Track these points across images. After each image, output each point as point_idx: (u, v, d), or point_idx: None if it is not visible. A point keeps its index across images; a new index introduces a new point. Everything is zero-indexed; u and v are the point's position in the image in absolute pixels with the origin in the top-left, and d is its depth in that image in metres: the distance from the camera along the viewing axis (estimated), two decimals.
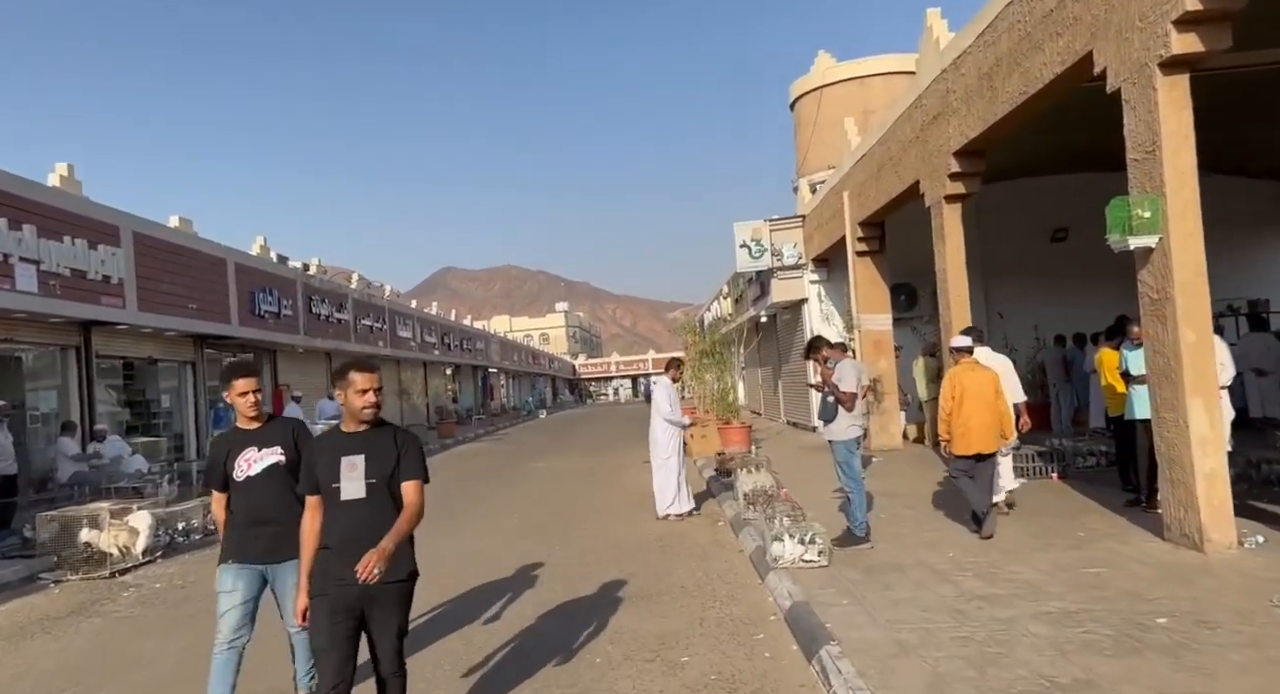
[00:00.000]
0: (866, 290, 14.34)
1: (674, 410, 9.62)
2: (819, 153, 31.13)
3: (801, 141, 33.41)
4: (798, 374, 20.27)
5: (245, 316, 17.95)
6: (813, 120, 32.04)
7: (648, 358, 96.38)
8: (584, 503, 11.48)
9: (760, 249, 18.54)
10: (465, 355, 40.01)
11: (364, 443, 3.41)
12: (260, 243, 20.80)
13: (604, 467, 16.45)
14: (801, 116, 32.99)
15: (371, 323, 26.57)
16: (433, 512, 10.97)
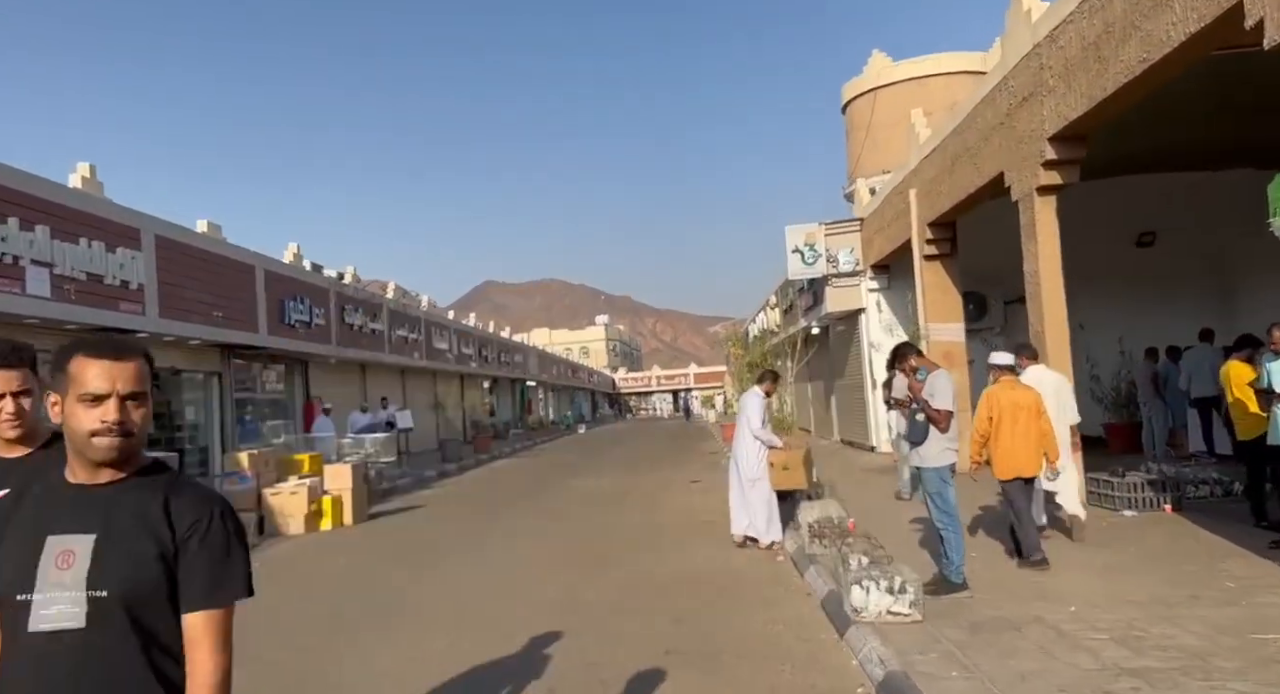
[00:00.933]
0: (936, 297, 13.12)
1: (765, 426, 8.64)
2: (872, 157, 29.90)
3: (853, 146, 32.20)
4: (853, 389, 19.03)
5: (275, 326, 17.31)
6: (866, 123, 30.84)
7: (689, 372, 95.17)
8: (625, 528, 10.43)
9: (814, 255, 17.39)
10: (503, 368, 39.30)
11: (97, 511, 1.67)
12: (294, 251, 20.23)
13: (645, 486, 15.40)
14: (854, 120, 31.79)
15: (407, 334, 25.92)
16: (460, 538, 9.98)
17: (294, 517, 11.81)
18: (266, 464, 12.35)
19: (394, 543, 10.36)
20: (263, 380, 19.17)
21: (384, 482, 16.35)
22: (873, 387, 17.34)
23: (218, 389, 16.58)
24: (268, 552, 10.31)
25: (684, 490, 14.35)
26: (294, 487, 12.02)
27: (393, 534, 11.14)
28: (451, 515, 12.75)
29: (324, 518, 12.16)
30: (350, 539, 10.98)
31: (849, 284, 17.47)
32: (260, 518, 11.81)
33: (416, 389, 27.99)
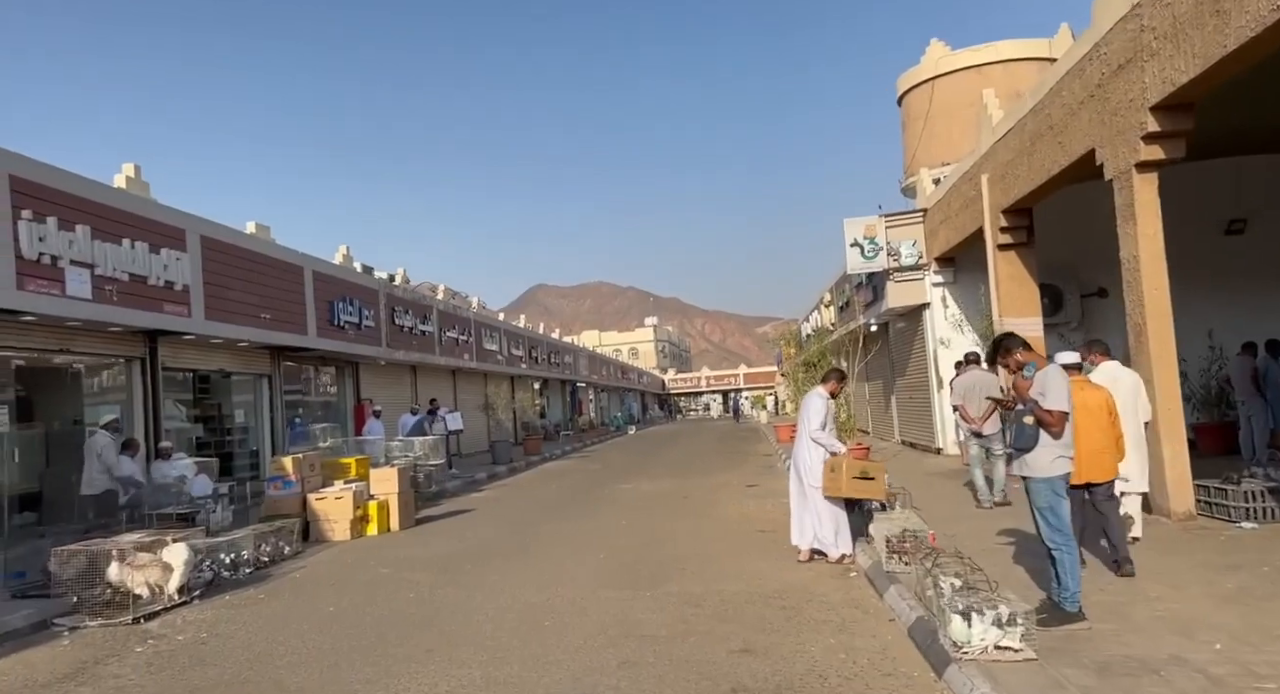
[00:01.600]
0: (1011, 289, 12.22)
1: (827, 431, 7.80)
2: (930, 149, 28.78)
3: (910, 138, 31.08)
4: (916, 388, 18.11)
5: (324, 327, 17.11)
6: (924, 114, 29.70)
7: (739, 373, 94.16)
8: (679, 536, 9.81)
9: (874, 248, 16.54)
10: (553, 369, 39.01)
11: None
12: (343, 252, 20.09)
13: (699, 491, 14.76)
14: (910, 110, 30.66)
15: (457, 335, 25.69)
16: (506, 546, 9.43)
17: (339, 522, 11.46)
18: (312, 468, 12.03)
19: (438, 551, 9.91)
20: (314, 383, 19.04)
21: (433, 485, 16.01)
22: (938, 385, 16.44)
23: (268, 391, 16.43)
24: (308, 559, 9.95)
25: (740, 495, 13.68)
26: (339, 491, 11.68)
27: (438, 541, 10.70)
28: (499, 521, 12.29)
29: (370, 524, 11.80)
30: (394, 546, 10.57)
31: (912, 278, 16.57)
32: (305, 524, 11.49)
33: (467, 390, 27.78)
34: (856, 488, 7.51)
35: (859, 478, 7.49)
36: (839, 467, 7.49)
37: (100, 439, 10.64)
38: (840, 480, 7.45)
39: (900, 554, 6.75)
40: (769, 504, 12.25)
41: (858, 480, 7.51)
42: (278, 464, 11.72)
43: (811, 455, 7.76)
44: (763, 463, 19.95)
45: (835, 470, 7.48)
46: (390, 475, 12.22)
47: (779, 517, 10.82)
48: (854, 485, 7.50)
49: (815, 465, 7.72)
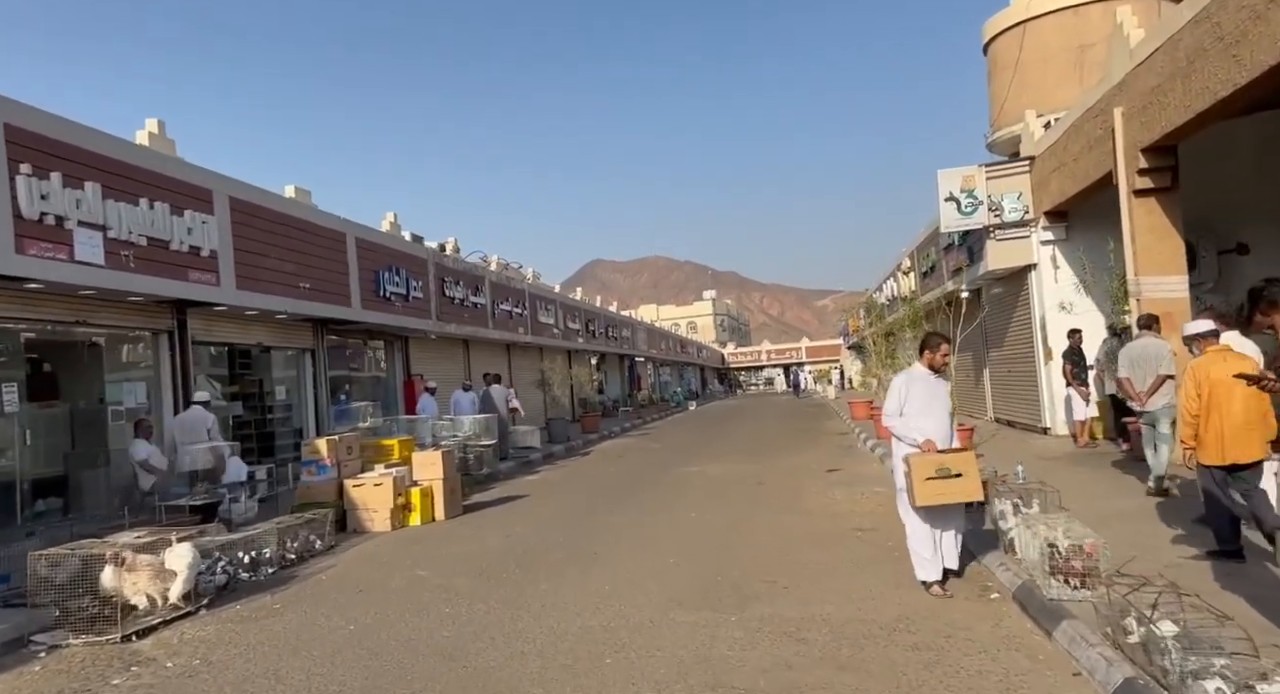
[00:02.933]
0: (1150, 243, 10.35)
1: (903, 419, 5.95)
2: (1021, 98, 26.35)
3: (997, 88, 28.60)
4: (1018, 361, 16.23)
5: (369, 298, 16.05)
6: (1014, 61, 27.20)
7: (800, 346, 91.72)
8: (760, 535, 8.38)
9: (973, 202, 14.66)
10: (611, 343, 37.75)
11: None
12: (390, 220, 18.99)
13: (773, 475, 13.28)
14: (998, 58, 28.14)
15: (510, 308, 24.54)
16: (559, 544, 8.03)
17: (378, 511, 10.35)
18: (350, 451, 10.94)
19: (483, 548, 8.67)
20: (361, 358, 18.08)
21: (484, 467, 14.88)
22: (1047, 358, 14.57)
23: (311, 367, 15.46)
24: (340, 556, 8.81)
25: (821, 482, 12.17)
26: (379, 477, 10.56)
27: (484, 535, 9.48)
28: (553, 510, 11.03)
29: (413, 513, 10.67)
30: (436, 541, 9.39)
31: (1016, 235, 14.66)
32: (342, 513, 10.42)
33: (522, 366, 26.69)
34: (937, 492, 5.61)
35: (938, 478, 5.59)
36: (912, 467, 5.69)
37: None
38: (914, 485, 5.65)
39: (1067, 576, 5.18)
40: (859, 493, 10.73)
41: (936, 482, 5.59)
42: (311, 447, 10.65)
43: (897, 452, 6.10)
44: (839, 443, 18.34)
45: (910, 472, 5.71)
46: (435, 459, 11.05)
47: (875, 511, 9.31)
48: (933, 490, 5.61)
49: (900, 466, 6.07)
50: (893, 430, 6.03)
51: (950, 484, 5.61)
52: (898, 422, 5.98)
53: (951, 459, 5.71)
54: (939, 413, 5.98)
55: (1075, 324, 13.20)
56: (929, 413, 5.92)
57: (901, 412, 5.96)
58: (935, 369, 6.06)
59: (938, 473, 5.60)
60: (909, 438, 5.90)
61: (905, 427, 5.94)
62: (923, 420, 5.89)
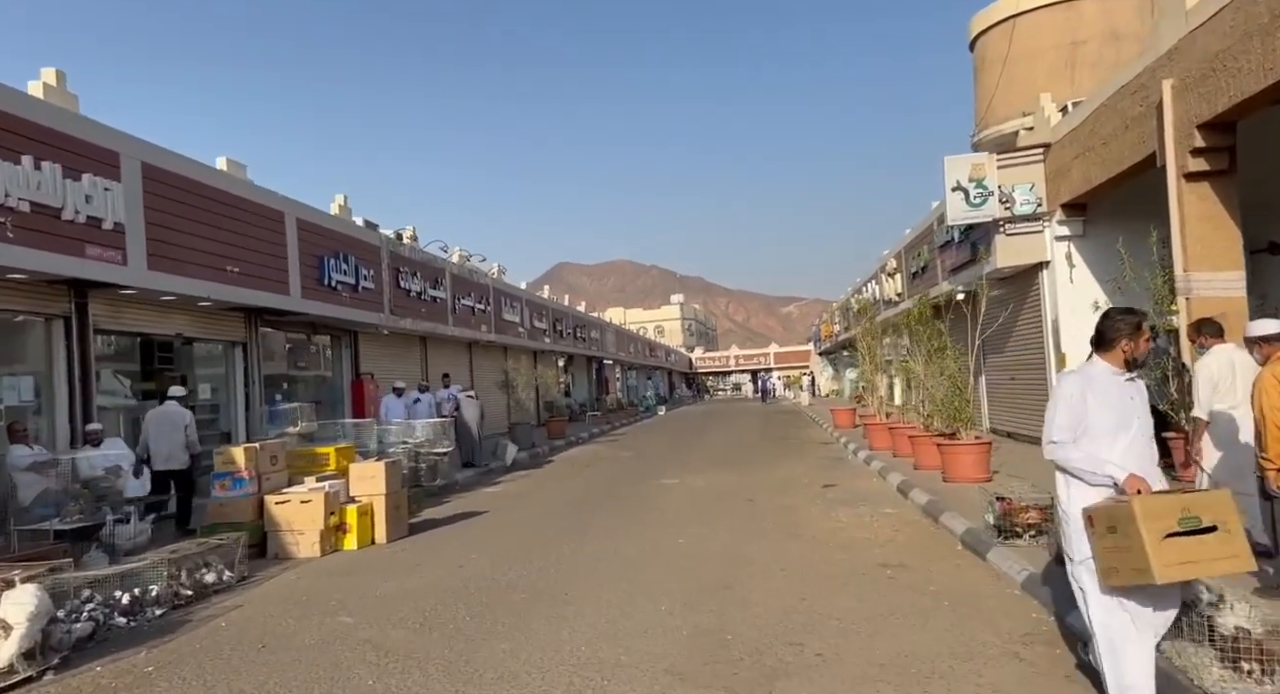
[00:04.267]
0: (1203, 234, 9.11)
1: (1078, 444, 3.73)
2: (1009, 96, 25.37)
3: (984, 86, 27.62)
4: (1023, 367, 15.02)
5: (311, 287, 14.33)
6: (1002, 58, 26.19)
7: (769, 352, 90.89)
8: (767, 569, 6.91)
9: (983, 193, 13.42)
10: (579, 344, 36.18)
11: None
12: (340, 202, 17.26)
13: (763, 489, 11.86)
14: (985, 55, 27.15)
15: (473, 304, 22.88)
16: (521, 580, 5.71)
17: (305, 533, 8.70)
18: (273, 461, 9.26)
19: (427, 584, 7.08)
20: (304, 353, 16.31)
21: (438, 477, 13.24)
22: (1060, 364, 13.35)
23: (242, 363, 13.70)
24: (250, 592, 7.15)
25: (820, 500, 10.77)
26: (306, 492, 8.90)
27: (431, 566, 7.89)
28: (515, 533, 9.46)
29: (348, 535, 9.03)
30: (372, 572, 7.77)
31: (1027, 230, 13.44)
32: (262, 535, 8.75)
33: (484, 366, 25.02)
34: (1186, 557, 3.32)
35: (1183, 535, 3.32)
36: (1121, 521, 3.40)
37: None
38: (1134, 551, 3.33)
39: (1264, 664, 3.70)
40: (867, 515, 9.33)
41: (1181, 543, 3.31)
42: (225, 456, 8.94)
43: (1070, 499, 3.77)
44: (826, 454, 16.98)
45: (1116, 529, 3.42)
46: (375, 472, 9.41)
47: (894, 539, 7.94)
48: (1178, 553, 3.31)
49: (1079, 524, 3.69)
50: (1064, 463, 3.76)
51: (1205, 544, 3.32)
52: (1072, 452, 3.70)
53: (1198, 501, 3.42)
54: (1139, 436, 3.72)
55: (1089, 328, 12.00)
56: (1121, 435, 3.67)
57: (1076, 433, 3.71)
58: (1131, 364, 3.80)
59: (1182, 525, 3.32)
60: (1097, 475, 3.65)
61: (1088, 457, 3.67)
62: (1111, 445, 3.66)
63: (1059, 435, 3.75)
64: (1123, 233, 11.96)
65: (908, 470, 12.18)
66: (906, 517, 9.22)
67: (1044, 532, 6.75)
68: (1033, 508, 6.78)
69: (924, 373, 12.48)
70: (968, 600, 5.70)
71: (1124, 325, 3.76)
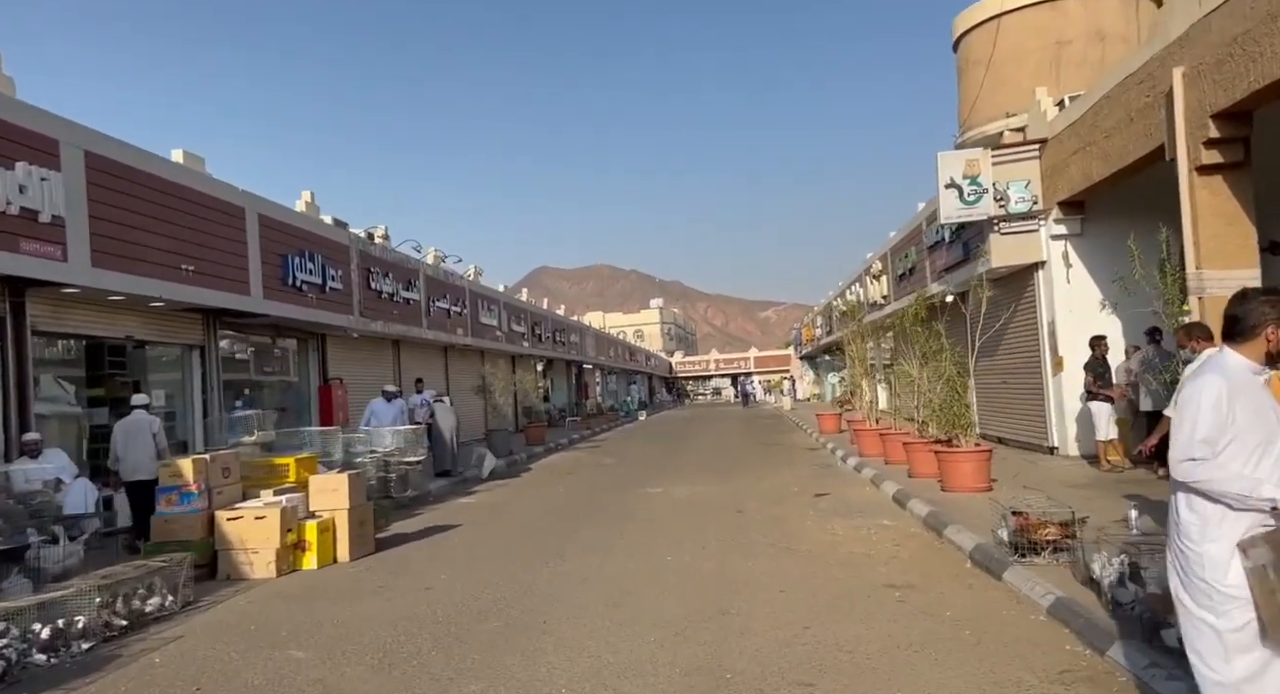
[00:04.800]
0: (1216, 230, 8.65)
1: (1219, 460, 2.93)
2: (994, 97, 25.07)
3: (968, 86, 27.30)
4: (1016, 371, 14.57)
5: (274, 287, 13.58)
6: (986, 58, 25.87)
7: (749, 356, 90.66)
8: (765, 592, 6.31)
9: (977, 191, 12.95)
10: (559, 348, 35.49)
11: None
12: (306, 199, 16.51)
13: (752, 499, 11.28)
14: (969, 55, 26.83)
15: (448, 306, 22.15)
16: (494, 606, 5.34)
17: (259, 552, 7.99)
18: (226, 473, 8.54)
19: (390, 612, 6.42)
20: (268, 358, 15.53)
21: (409, 488, 12.53)
22: (1056, 368, 12.90)
23: (199, 367, 12.92)
24: (192, 620, 6.44)
25: (811, 510, 10.21)
26: (262, 507, 8.20)
27: (396, 589, 7.22)
28: (490, 549, 8.80)
29: (307, 553, 8.32)
30: (330, 596, 7.09)
31: (1023, 229, 12.98)
32: (213, 554, 8.04)
33: (461, 371, 24.28)
34: None
35: None
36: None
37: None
38: None
39: None
40: (863, 528, 8.77)
41: None
42: (172, 469, 8.21)
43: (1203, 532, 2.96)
44: (814, 461, 16.45)
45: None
46: (337, 484, 8.72)
47: (898, 555, 7.40)
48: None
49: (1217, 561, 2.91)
50: (1206, 485, 2.93)
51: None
52: (1216, 468, 2.92)
53: None
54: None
55: (1087, 330, 11.62)
56: (1271, 447, 2.95)
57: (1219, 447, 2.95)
58: (1274, 358, 3.09)
59: None
60: (1249, 500, 2.86)
61: (1235, 476, 2.90)
62: (1258, 461, 2.94)
63: (1200, 451, 2.92)
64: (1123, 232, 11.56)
65: (901, 478, 11.66)
66: (906, 529, 8.67)
67: (1063, 549, 6.21)
68: (1052, 523, 6.23)
69: (919, 376, 11.96)
70: (990, 629, 5.14)
71: (1270, 309, 3.02)
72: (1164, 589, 4.00)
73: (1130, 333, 12.07)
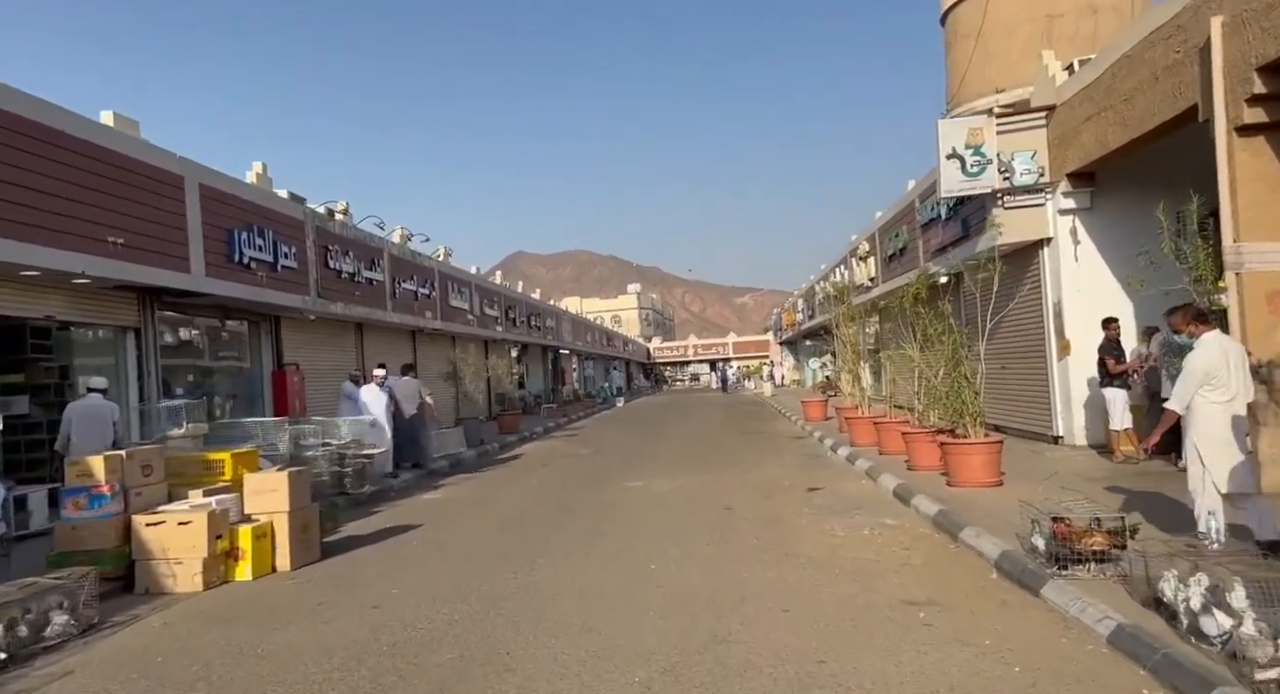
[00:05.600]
0: (1258, 197, 7.82)
1: None
2: (983, 72, 24.23)
3: (956, 61, 26.45)
4: (1017, 356, 13.80)
5: (219, 264, 12.44)
6: (975, 32, 25.05)
7: (727, 341, 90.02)
8: (768, 613, 5.41)
9: (980, 161, 12.08)
10: (534, 333, 34.41)
11: None
12: (258, 171, 15.30)
13: (740, 494, 10.42)
14: (957, 28, 25.94)
15: (416, 288, 21.01)
16: (452, 628, 4.54)
17: (184, 562, 6.98)
18: (147, 471, 7.49)
19: (326, 638, 5.44)
20: (215, 341, 14.38)
21: (366, 483, 11.52)
22: (1062, 352, 12.13)
23: (134, 351, 11.77)
24: (92, 651, 5.41)
25: (805, 507, 9.36)
26: (187, 511, 7.17)
27: (337, 607, 6.25)
28: (450, 556, 7.85)
29: (240, 562, 7.31)
30: (259, 618, 6.10)
31: (1029, 203, 12.16)
32: (130, 564, 7.01)
33: (430, 356, 23.17)
34: None
35: None
36: None
37: None
38: None
39: None
40: (866, 529, 7.93)
41: None
42: (80, 467, 7.16)
43: None
44: (802, 451, 15.62)
45: None
46: (276, 484, 7.69)
47: (910, 562, 6.57)
48: None
49: None
50: None
51: None
52: None
53: None
54: None
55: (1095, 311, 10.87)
56: None
57: None
58: None
59: None
60: None
61: None
62: None
63: None
64: (1136, 206, 10.78)
65: (900, 471, 10.85)
66: (914, 530, 7.83)
67: (1108, 559, 5.37)
68: (1098, 531, 5.37)
69: (920, 361, 11.12)
70: (1044, 664, 4.26)
71: None
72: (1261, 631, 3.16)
73: (1143, 315, 11.32)
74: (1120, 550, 5.28)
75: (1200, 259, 8.17)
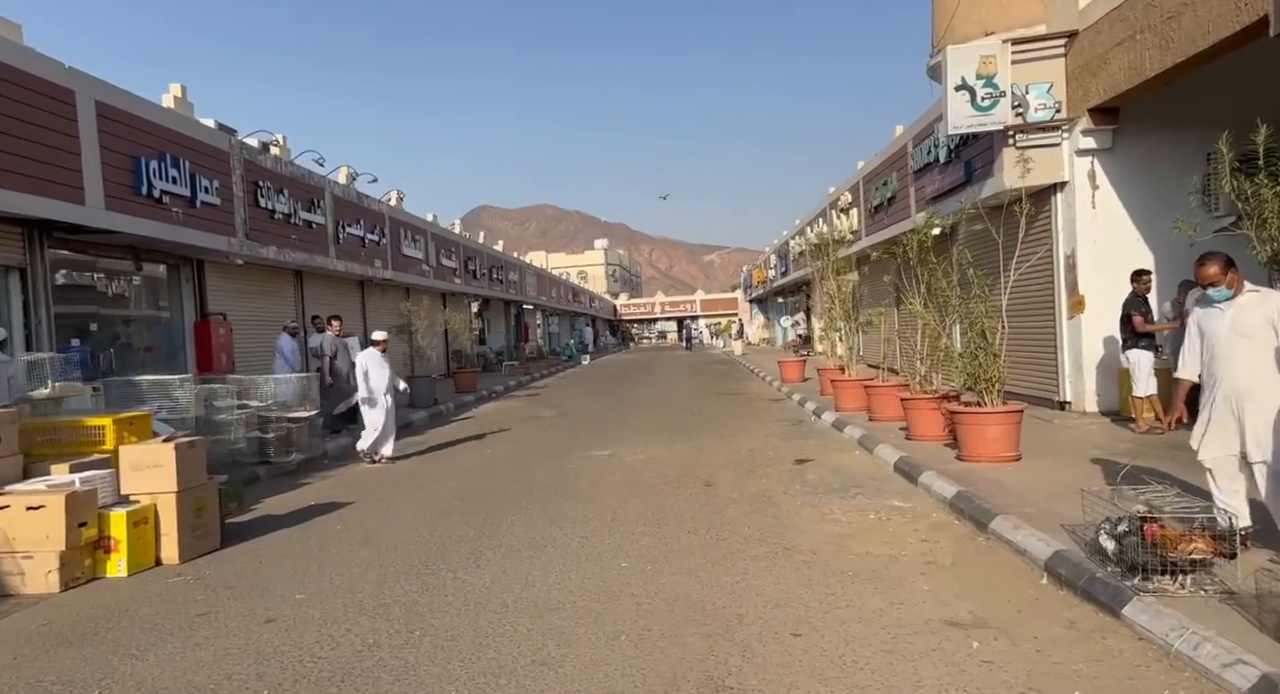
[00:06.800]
0: None
1: None
2: (973, 14, 22.80)
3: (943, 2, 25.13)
4: (1023, 314, 12.63)
5: (122, 196, 10.74)
6: None
7: (694, 299, 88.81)
8: (774, 635, 4.20)
9: (992, 93, 10.78)
10: (496, 287, 32.79)
11: None
12: (176, 93, 13.47)
13: (721, 467, 9.23)
14: None
15: (363, 233, 19.30)
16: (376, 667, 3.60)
17: (35, 556, 5.57)
18: None
19: (193, 670, 4.11)
20: (125, 286, 12.69)
21: (293, 451, 10.10)
22: (1074, 310, 11.01)
23: (20, 296, 10.11)
24: None
25: (795, 482, 8.20)
26: (41, 493, 5.73)
27: (222, 617, 4.90)
28: (380, 543, 6.52)
29: (113, 554, 5.92)
30: (120, 633, 4.73)
31: (1043, 142, 10.91)
32: None
33: (380, 308, 21.57)
34: None
35: None
36: None
37: None
38: None
39: None
40: (875, 514, 6.77)
41: None
42: None
43: None
44: (782, 415, 14.46)
45: None
46: (160, 458, 6.25)
47: (938, 559, 5.43)
48: None
49: None
50: None
51: None
52: None
53: None
54: None
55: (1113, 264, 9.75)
56: None
57: None
58: None
59: None
60: None
61: None
62: None
63: None
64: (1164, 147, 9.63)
65: (897, 440, 9.75)
66: (928, 515, 6.69)
67: (1202, 565, 4.21)
68: (1199, 535, 4.19)
69: (927, 317, 9.93)
70: None
71: None
72: None
73: (1166, 270, 10.22)
74: (1229, 559, 4.12)
75: (1267, 200, 6.96)
